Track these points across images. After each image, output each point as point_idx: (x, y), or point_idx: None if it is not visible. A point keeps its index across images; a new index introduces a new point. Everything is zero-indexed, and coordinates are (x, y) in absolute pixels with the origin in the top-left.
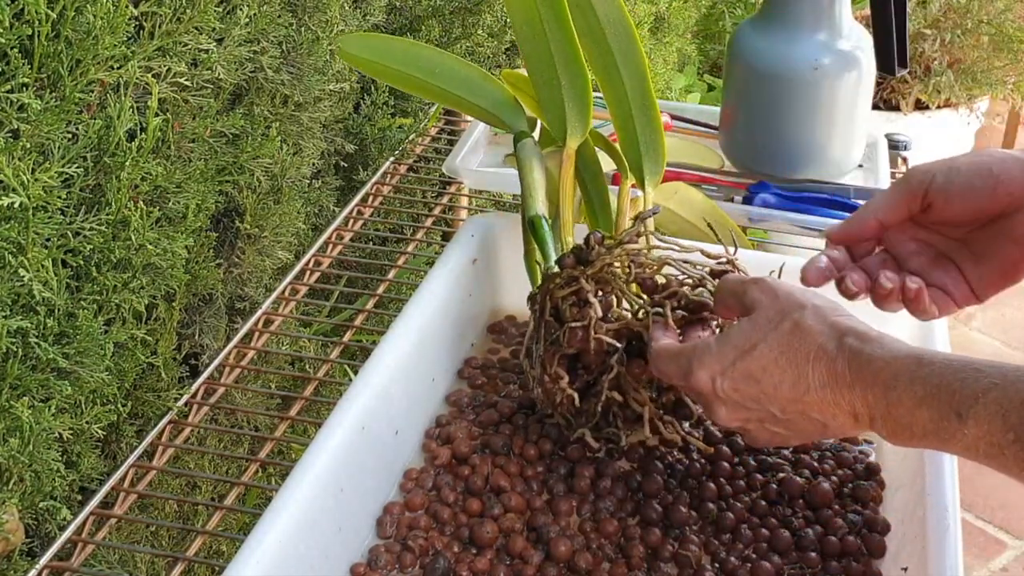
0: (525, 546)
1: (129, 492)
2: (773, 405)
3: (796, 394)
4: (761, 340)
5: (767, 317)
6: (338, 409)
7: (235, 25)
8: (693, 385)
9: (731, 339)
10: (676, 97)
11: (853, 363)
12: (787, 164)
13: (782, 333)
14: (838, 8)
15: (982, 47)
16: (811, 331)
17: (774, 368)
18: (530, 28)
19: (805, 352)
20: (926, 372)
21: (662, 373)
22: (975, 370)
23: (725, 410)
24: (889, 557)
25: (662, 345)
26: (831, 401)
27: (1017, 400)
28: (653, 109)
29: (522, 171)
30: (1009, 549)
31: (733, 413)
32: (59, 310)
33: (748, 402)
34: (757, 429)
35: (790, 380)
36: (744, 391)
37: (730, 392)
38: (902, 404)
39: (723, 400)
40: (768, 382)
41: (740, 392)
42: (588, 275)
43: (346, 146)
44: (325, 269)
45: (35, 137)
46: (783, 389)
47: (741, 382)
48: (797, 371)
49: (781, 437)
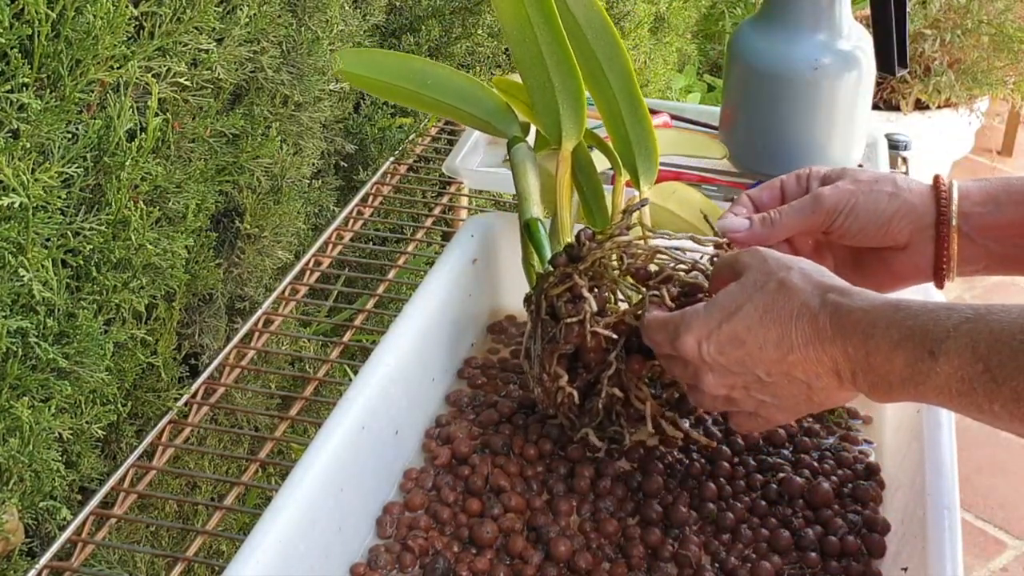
0: (525, 546)
1: (129, 492)
2: (759, 367)
3: (780, 354)
4: (747, 300)
5: (754, 279)
6: (338, 409)
7: (235, 25)
8: (680, 350)
9: (718, 302)
10: (676, 97)
11: (834, 316)
12: (787, 164)
13: (767, 292)
14: (838, 8)
15: (982, 47)
16: (796, 289)
17: (758, 327)
18: (520, 32)
19: (789, 310)
20: (902, 315)
21: (653, 342)
22: (948, 309)
23: (711, 376)
24: (889, 557)
25: (652, 315)
26: (814, 359)
27: (986, 331)
28: (642, 108)
29: (517, 176)
30: (1009, 549)
31: (719, 379)
32: (59, 310)
33: (734, 365)
34: (743, 398)
35: (774, 338)
36: (730, 354)
37: (716, 355)
38: (880, 351)
39: (709, 365)
40: (753, 342)
41: (726, 355)
42: (581, 271)
43: (346, 146)
44: (325, 269)
45: (35, 137)
46: (768, 349)
47: (727, 344)
48: (781, 329)
49: (767, 409)
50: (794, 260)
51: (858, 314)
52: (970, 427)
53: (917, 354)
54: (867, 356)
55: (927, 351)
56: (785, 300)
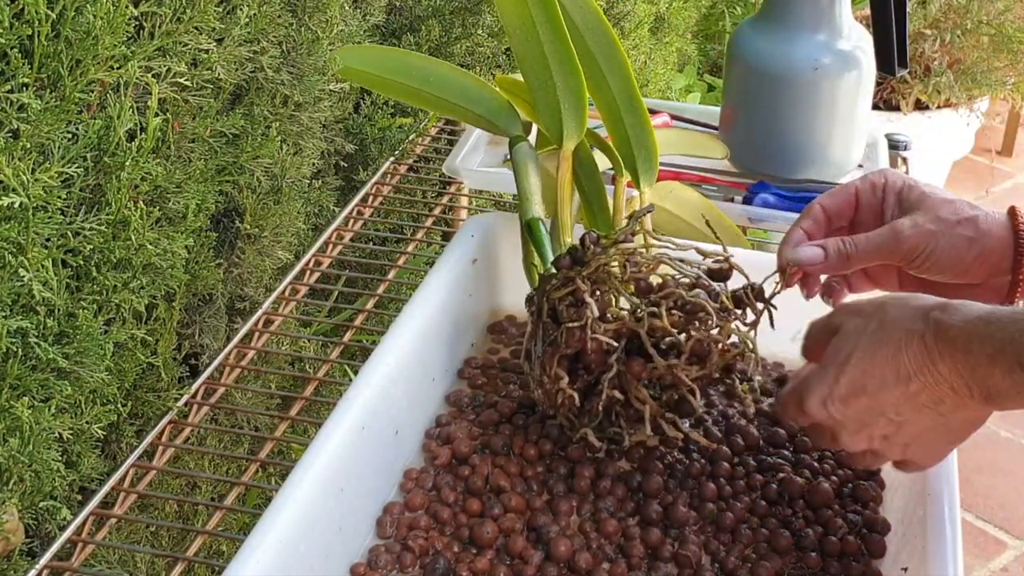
0: (525, 546)
1: (129, 492)
2: (887, 409)
3: (901, 387)
4: (855, 347)
5: (854, 327)
6: (338, 409)
7: (235, 25)
8: (812, 417)
9: (828, 359)
10: (676, 97)
11: (939, 334)
12: (787, 164)
13: (871, 332)
14: (838, 8)
15: (982, 47)
16: (898, 320)
17: (873, 368)
18: (523, 31)
19: (896, 341)
20: (993, 328)
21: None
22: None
23: (846, 434)
24: (889, 557)
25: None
26: (931, 382)
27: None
28: (641, 109)
29: (518, 175)
30: (1009, 549)
31: (856, 435)
32: (59, 310)
33: (864, 415)
34: (885, 448)
35: (891, 375)
36: (855, 405)
37: (843, 410)
38: (980, 365)
39: (841, 423)
40: (873, 385)
41: (852, 407)
42: (584, 275)
43: (346, 146)
44: (325, 269)
45: (35, 137)
46: (889, 387)
47: (849, 395)
48: (896, 363)
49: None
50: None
51: (956, 330)
52: None
53: (1010, 365)
54: (973, 370)
55: (1017, 363)
56: (890, 334)
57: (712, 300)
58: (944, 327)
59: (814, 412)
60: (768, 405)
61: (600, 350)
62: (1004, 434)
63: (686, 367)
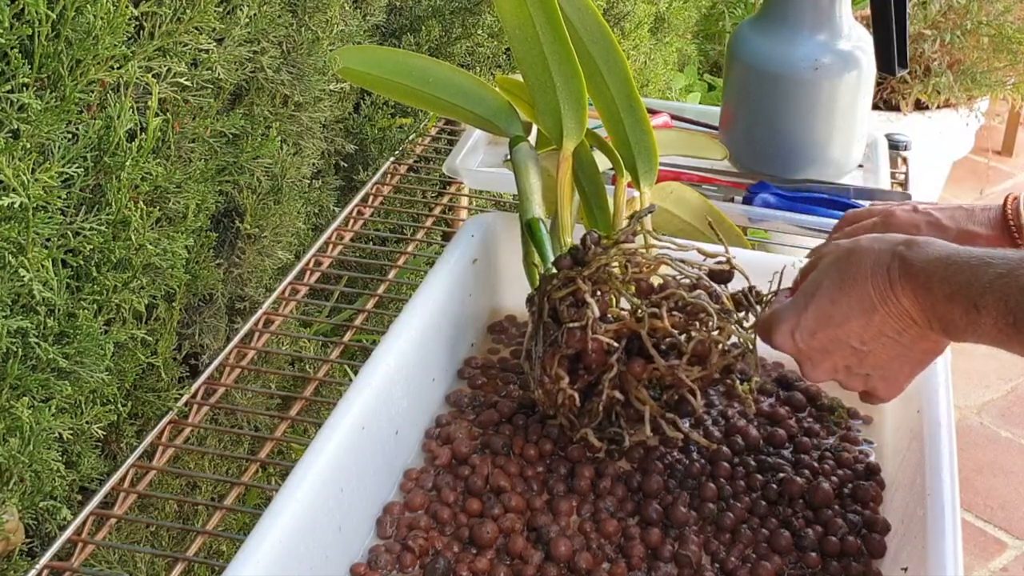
0: (525, 546)
1: (129, 492)
2: (851, 338)
3: (865, 316)
4: (824, 276)
5: (828, 260)
6: (338, 409)
7: (235, 25)
8: (779, 346)
9: (801, 290)
10: (676, 97)
11: (903, 268)
12: (787, 164)
13: (841, 261)
14: (838, 8)
15: (982, 48)
16: (867, 249)
17: (840, 296)
18: (522, 31)
19: (864, 270)
20: (952, 271)
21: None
22: (987, 263)
23: (810, 365)
24: (889, 557)
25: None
26: (895, 312)
27: (1016, 286)
28: (640, 110)
29: (518, 175)
30: (1009, 549)
31: (820, 365)
32: (59, 310)
33: (829, 345)
34: (848, 378)
35: (856, 303)
36: (821, 335)
37: (809, 341)
38: (939, 302)
39: (806, 354)
40: (839, 314)
41: (817, 336)
42: (585, 276)
43: (346, 146)
44: (325, 269)
45: (35, 137)
46: (854, 317)
47: (816, 325)
48: (860, 290)
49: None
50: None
51: (917, 267)
52: (970, 427)
53: (966, 307)
54: (932, 306)
55: (972, 304)
56: (858, 263)
57: (713, 301)
58: (907, 262)
59: (781, 342)
60: (768, 405)
61: (601, 350)
62: (1004, 434)
63: (687, 368)
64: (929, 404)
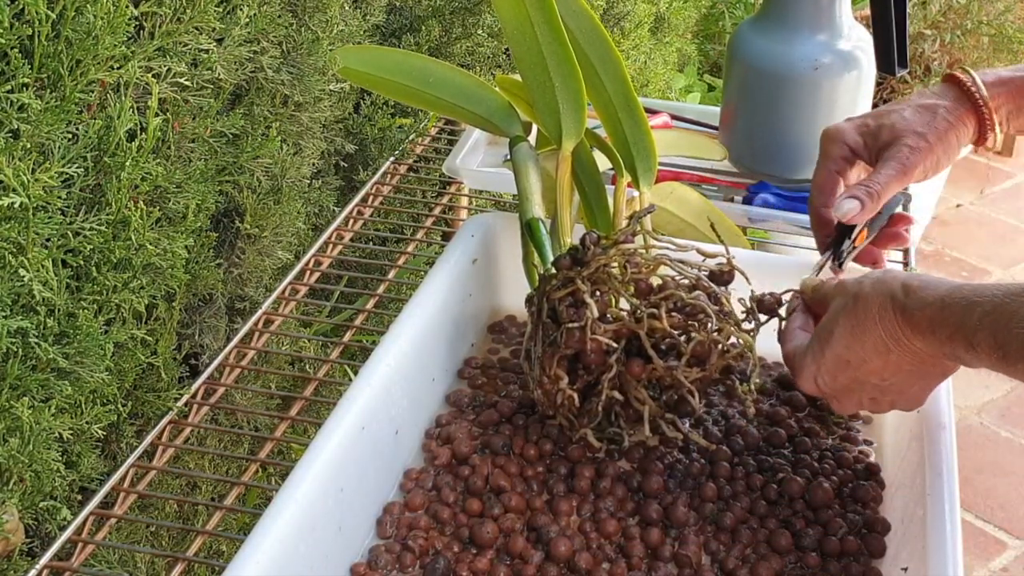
0: (525, 546)
1: (129, 492)
2: (871, 378)
3: (882, 359)
4: (836, 324)
5: (836, 305)
6: (338, 409)
7: (235, 25)
8: (805, 391)
9: (815, 336)
10: (676, 97)
11: (904, 317)
12: (787, 164)
13: (849, 310)
14: (838, 8)
15: (982, 48)
16: (870, 297)
17: (854, 343)
18: (520, 32)
19: (872, 317)
20: (947, 315)
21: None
22: (973, 302)
23: (838, 403)
24: (889, 557)
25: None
26: (908, 351)
27: (1000, 323)
28: (638, 111)
29: (518, 175)
30: (1009, 549)
31: (847, 402)
32: (59, 310)
33: (852, 385)
34: (875, 407)
35: (871, 348)
36: (841, 377)
37: (831, 383)
38: (944, 343)
39: (831, 395)
40: (856, 358)
41: (839, 380)
42: (584, 276)
43: (346, 146)
44: (325, 269)
45: (35, 137)
46: (870, 360)
47: (836, 370)
48: (873, 337)
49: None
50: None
51: (918, 315)
52: (971, 427)
53: (965, 345)
54: (940, 345)
55: (969, 343)
56: (865, 310)
57: (712, 302)
58: (908, 312)
59: (806, 388)
60: (769, 405)
61: (600, 351)
62: (1004, 434)
63: (685, 369)
64: (929, 404)
